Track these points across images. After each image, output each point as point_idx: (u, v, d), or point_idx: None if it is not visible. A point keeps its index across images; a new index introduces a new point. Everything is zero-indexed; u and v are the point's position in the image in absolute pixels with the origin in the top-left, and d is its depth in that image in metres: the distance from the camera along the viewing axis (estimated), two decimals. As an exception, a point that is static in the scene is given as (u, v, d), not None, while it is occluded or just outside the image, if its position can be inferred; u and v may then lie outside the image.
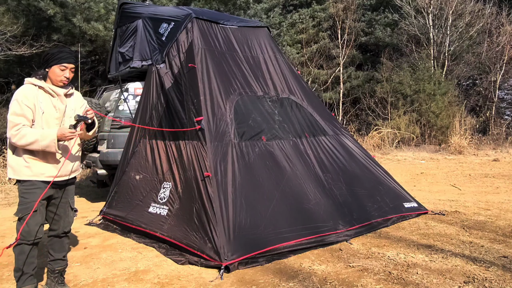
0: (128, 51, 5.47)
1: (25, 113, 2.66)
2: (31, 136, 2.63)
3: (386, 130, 14.58)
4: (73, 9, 10.49)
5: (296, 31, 17.77)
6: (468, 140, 13.65)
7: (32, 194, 2.70)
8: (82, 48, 11.62)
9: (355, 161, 5.11)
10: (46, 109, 2.75)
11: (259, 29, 5.71)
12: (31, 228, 2.69)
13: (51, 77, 2.80)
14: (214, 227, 3.51)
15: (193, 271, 3.35)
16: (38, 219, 2.73)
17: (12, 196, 7.20)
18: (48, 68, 2.78)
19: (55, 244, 2.96)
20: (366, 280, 3.10)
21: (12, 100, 2.70)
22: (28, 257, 2.71)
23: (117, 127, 5.70)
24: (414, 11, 16.58)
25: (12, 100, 2.69)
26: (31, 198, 2.69)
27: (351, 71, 18.04)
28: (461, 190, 7.04)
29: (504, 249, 3.80)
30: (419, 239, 4.12)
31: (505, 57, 15.95)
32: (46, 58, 2.78)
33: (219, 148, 4.05)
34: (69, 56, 2.81)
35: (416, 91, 15.20)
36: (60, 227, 2.94)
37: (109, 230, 4.59)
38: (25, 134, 2.62)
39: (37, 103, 2.72)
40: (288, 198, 4.09)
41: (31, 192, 2.70)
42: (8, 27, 10.20)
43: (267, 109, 4.82)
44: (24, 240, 2.69)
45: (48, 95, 2.79)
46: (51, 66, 2.77)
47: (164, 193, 4.18)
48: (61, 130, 2.68)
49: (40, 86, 2.76)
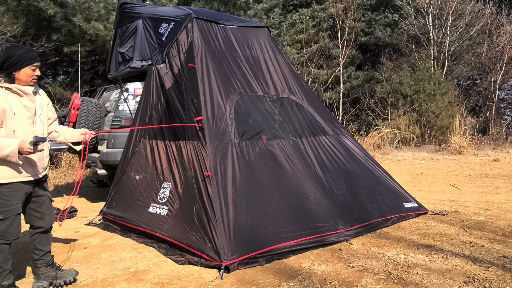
0: (128, 51, 5.46)
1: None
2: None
3: (386, 130, 14.59)
4: (73, 9, 10.48)
5: (296, 31, 17.77)
6: (468, 140, 13.66)
7: (13, 195, 2.73)
8: (82, 48, 11.62)
9: (355, 161, 5.11)
10: (17, 110, 2.73)
11: (259, 29, 5.72)
12: (14, 229, 2.76)
13: (20, 79, 2.76)
14: (214, 227, 3.51)
15: (193, 271, 3.35)
16: (20, 220, 2.81)
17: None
18: (18, 70, 2.73)
19: (43, 239, 3.04)
20: (366, 280, 3.10)
21: None
22: (7, 254, 2.78)
23: (117, 127, 5.70)
24: (414, 11, 16.59)
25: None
26: (13, 200, 2.73)
27: (351, 71, 18.05)
28: (461, 190, 7.04)
29: (504, 249, 3.80)
30: (419, 239, 4.12)
31: (505, 57, 15.96)
32: (13, 60, 2.70)
33: (219, 147, 4.05)
34: (36, 54, 2.83)
35: (416, 91, 15.21)
36: (47, 222, 3.02)
37: (109, 230, 4.59)
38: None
39: (7, 106, 2.68)
40: (288, 198, 4.09)
41: (12, 194, 2.73)
42: (8, 27, 10.19)
43: (267, 108, 4.82)
44: (4, 240, 2.74)
45: (16, 95, 2.75)
46: (22, 68, 2.73)
47: (164, 193, 4.18)
48: (22, 144, 2.64)
49: (6, 87, 2.71)
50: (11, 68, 2.71)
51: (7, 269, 2.79)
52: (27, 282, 3.22)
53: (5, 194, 2.71)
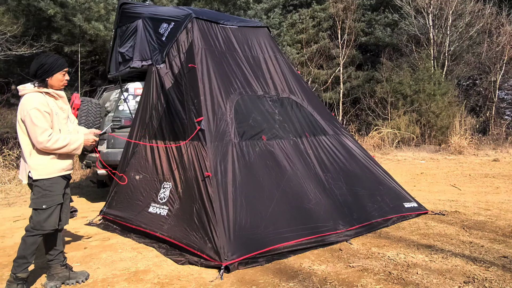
0: (128, 51, 5.46)
1: (47, 119, 2.89)
2: (63, 141, 2.92)
3: (386, 130, 14.59)
4: (73, 9, 10.48)
5: (296, 31, 17.77)
6: (468, 140, 13.65)
7: (56, 187, 2.96)
8: (82, 48, 11.62)
9: (355, 161, 5.11)
10: (58, 111, 3.02)
11: (259, 29, 5.72)
12: (53, 220, 2.95)
13: (53, 84, 3.01)
14: (214, 227, 3.51)
15: (193, 271, 3.35)
16: (58, 212, 3.00)
17: (12, 196, 7.20)
18: (50, 76, 2.97)
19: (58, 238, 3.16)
20: (366, 280, 3.10)
21: (28, 110, 2.84)
22: (35, 248, 2.94)
23: (117, 127, 5.70)
24: (414, 11, 16.58)
25: (30, 110, 2.84)
26: (55, 191, 2.95)
27: (351, 71, 18.04)
28: (461, 190, 7.04)
29: (504, 249, 3.80)
30: (419, 239, 4.12)
31: (505, 57, 15.96)
32: (45, 68, 2.94)
33: (219, 147, 4.05)
34: (65, 61, 3.09)
35: (416, 91, 15.20)
36: (64, 220, 3.15)
37: (109, 230, 4.59)
38: (58, 139, 2.89)
39: (52, 108, 2.96)
40: (288, 198, 4.09)
41: (54, 186, 2.95)
42: (8, 27, 10.19)
43: (267, 108, 4.82)
44: (41, 230, 2.91)
45: (52, 98, 3.03)
46: (54, 74, 2.98)
47: (164, 193, 4.18)
48: (87, 136, 3.07)
49: (46, 92, 2.97)
50: (44, 75, 2.95)
51: (30, 262, 2.94)
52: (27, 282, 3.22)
53: (48, 186, 2.93)
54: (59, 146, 2.90)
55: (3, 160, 8.71)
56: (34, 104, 2.86)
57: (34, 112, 2.84)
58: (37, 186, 2.92)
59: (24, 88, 2.96)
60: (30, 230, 2.92)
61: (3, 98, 11.28)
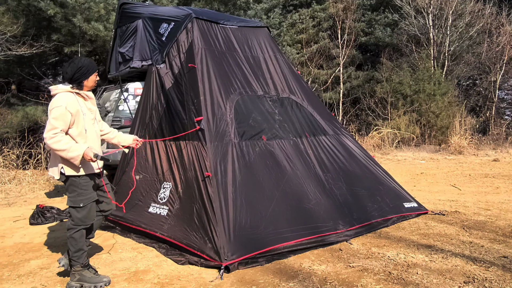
0: (128, 51, 5.46)
1: (65, 119, 2.95)
2: (64, 144, 2.93)
3: (386, 130, 14.58)
4: (73, 9, 10.48)
5: (296, 31, 17.76)
6: (468, 140, 13.65)
7: (89, 185, 3.11)
8: (82, 48, 11.61)
9: (355, 161, 5.11)
10: (86, 112, 3.13)
11: (259, 29, 5.71)
12: (91, 215, 3.14)
13: (88, 85, 3.17)
14: (214, 227, 3.51)
15: (193, 271, 3.35)
16: (95, 207, 3.20)
17: (12, 196, 7.20)
18: (87, 78, 3.13)
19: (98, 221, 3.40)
20: (366, 280, 3.10)
21: (55, 106, 2.95)
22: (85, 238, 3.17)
23: (117, 127, 5.70)
24: (414, 11, 16.58)
25: (56, 106, 2.95)
26: (90, 189, 3.12)
27: (351, 71, 18.04)
28: (461, 190, 7.04)
29: (504, 249, 3.80)
30: (419, 239, 4.12)
31: (505, 57, 15.96)
32: (83, 71, 3.08)
33: (219, 147, 4.05)
34: (95, 63, 3.26)
35: (416, 91, 15.20)
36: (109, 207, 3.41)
37: (109, 230, 4.59)
38: (60, 140, 2.93)
39: (80, 108, 3.06)
40: (288, 198, 4.09)
41: (89, 184, 3.11)
42: (8, 27, 10.18)
43: (267, 108, 4.82)
44: (84, 225, 3.10)
45: (82, 99, 3.15)
46: (90, 76, 3.14)
47: (164, 193, 4.18)
48: (87, 151, 2.98)
49: (77, 92, 3.10)
50: (81, 78, 3.10)
51: (85, 250, 3.15)
52: (27, 282, 3.23)
53: (83, 185, 3.08)
54: (58, 148, 2.93)
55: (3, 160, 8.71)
56: (61, 103, 2.95)
57: (57, 110, 2.93)
58: (72, 185, 3.06)
59: (57, 88, 3.07)
60: (74, 227, 3.08)
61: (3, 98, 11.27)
